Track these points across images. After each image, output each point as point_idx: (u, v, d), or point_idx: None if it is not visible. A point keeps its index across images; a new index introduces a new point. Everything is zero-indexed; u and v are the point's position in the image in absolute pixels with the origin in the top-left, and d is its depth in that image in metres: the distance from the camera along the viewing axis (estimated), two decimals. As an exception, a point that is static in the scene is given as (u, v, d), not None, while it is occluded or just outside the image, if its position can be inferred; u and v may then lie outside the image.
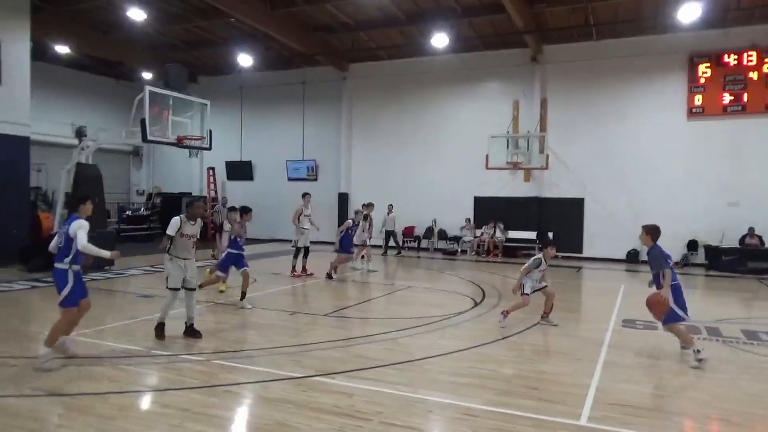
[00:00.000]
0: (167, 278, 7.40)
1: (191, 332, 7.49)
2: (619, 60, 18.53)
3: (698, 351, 6.55)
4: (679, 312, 6.79)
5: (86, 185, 13.79)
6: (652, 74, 18.30)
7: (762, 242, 16.50)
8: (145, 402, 5.34)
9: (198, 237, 7.63)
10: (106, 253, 6.08)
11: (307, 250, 13.58)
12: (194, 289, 7.58)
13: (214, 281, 10.46)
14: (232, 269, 10.09)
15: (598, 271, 16.75)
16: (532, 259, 8.54)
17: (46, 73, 20.34)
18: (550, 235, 18.82)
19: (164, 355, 6.63)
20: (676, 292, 6.94)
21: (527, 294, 8.38)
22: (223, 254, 10.42)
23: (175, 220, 7.37)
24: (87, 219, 6.26)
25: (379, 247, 19.66)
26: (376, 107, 22.34)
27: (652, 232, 7.59)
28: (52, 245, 6.30)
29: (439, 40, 18.09)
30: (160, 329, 7.40)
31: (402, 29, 19.09)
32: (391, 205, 19.91)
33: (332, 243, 21.65)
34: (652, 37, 17.97)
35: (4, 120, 14.93)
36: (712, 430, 4.97)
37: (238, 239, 10.02)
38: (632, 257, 18.29)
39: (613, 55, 18.59)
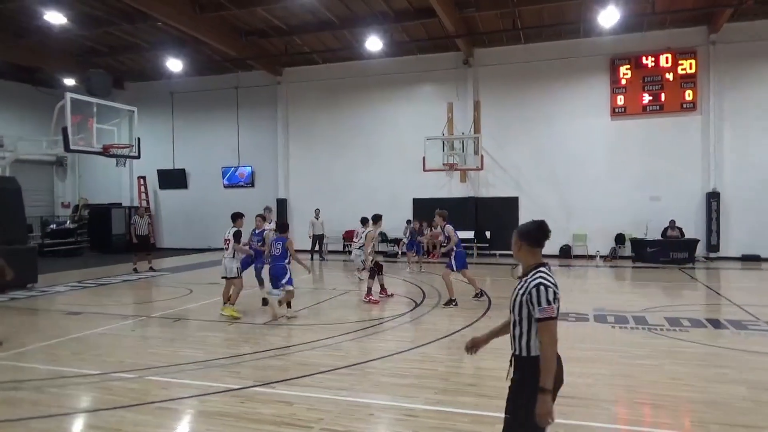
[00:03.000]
0: None
1: None
2: (547, 63, 19.24)
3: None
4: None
5: (3, 199, 12.98)
6: (577, 76, 19.11)
7: (682, 233, 17.50)
8: (73, 424, 5.06)
9: None
10: None
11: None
12: None
13: (290, 298, 9.46)
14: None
15: (534, 267, 17.22)
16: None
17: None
18: (487, 233, 19.32)
19: (93, 374, 6.30)
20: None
21: None
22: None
23: None
24: None
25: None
26: (312, 111, 22.19)
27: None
28: None
29: (373, 43, 18.19)
30: None
31: (335, 33, 19.07)
32: (318, 209, 19.74)
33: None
34: (576, 40, 18.77)
35: None
36: (643, 414, 5.21)
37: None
38: (565, 252, 18.98)
39: (540, 58, 19.28)
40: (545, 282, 3.06)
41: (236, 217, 9.82)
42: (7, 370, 6.48)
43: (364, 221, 12.80)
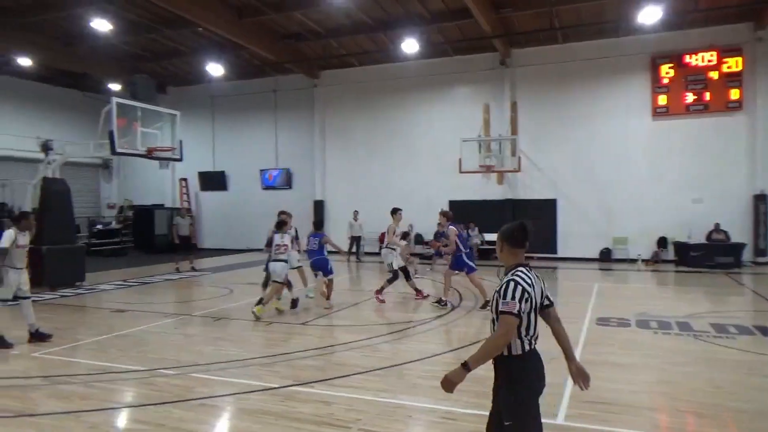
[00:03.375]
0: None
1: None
2: (585, 62, 18.91)
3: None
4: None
5: (53, 200, 13.50)
6: (617, 76, 18.72)
7: (727, 237, 16.94)
8: (120, 419, 5.24)
9: (28, 247, 7.95)
10: None
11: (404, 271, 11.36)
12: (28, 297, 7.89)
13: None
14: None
15: (573, 270, 16.98)
16: None
17: (8, 87, 19.89)
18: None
19: (139, 370, 6.51)
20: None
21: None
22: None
23: (10, 233, 7.63)
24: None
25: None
26: (348, 114, 22.36)
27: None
28: None
29: (409, 45, 18.21)
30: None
31: (371, 36, 19.17)
32: (356, 211, 19.96)
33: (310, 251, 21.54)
34: (616, 39, 18.38)
35: (-35, 135, 14.55)
36: (686, 422, 5.08)
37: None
38: (605, 255, 18.61)
39: (579, 57, 18.96)
40: (516, 279, 3.06)
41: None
42: (59, 365, 6.75)
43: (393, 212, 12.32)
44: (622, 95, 18.66)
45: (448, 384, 3.08)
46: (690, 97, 17.86)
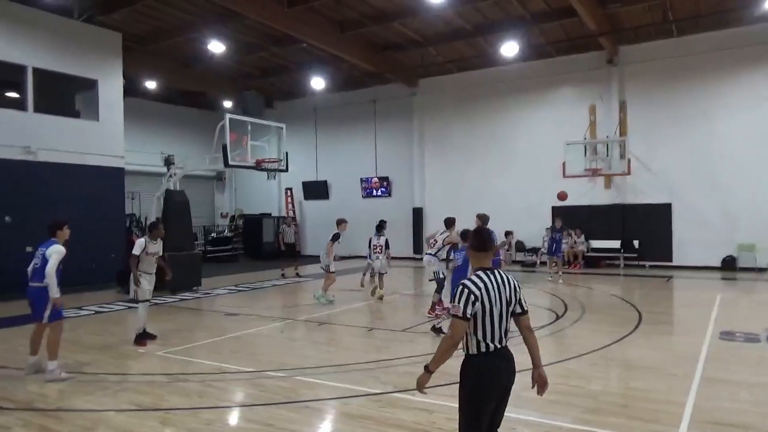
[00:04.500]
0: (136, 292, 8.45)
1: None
2: (703, 56, 17.51)
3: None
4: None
5: (175, 210, 14.63)
6: (740, 68, 17.15)
7: None
8: (232, 417, 5.54)
9: (160, 254, 8.59)
10: (55, 292, 6.41)
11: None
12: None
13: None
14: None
15: (691, 279, 15.73)
16: None
17: (136, 107, 21.85)
18: (635, 243, 18.02)
19: (249, 371, 6.85)
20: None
21: None
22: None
23: (141, 241, 8.36)
24: (63, 244, 6.69)
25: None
26: (447, 121, 22.29)
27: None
28: (30, 266, 6.70)
29: (509, 49, 17.85)
30: (140, 337, 8.33)
31: (470, 41, 19.01)
32: (454, 218, 19.64)
33: (409, 258, 21.70)
34: (739, 29, 16.86)
35: (102, 153, 16.17)
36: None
37: None
38: (728, 264, 17.06)
39: (696, 51, 17.59)
40: (465, 283, 3.24)
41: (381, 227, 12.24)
42: (178, 363, 7.28)
43: (448, 223, 11.00)
44: (747, 89, 17.05)
45: (417, 385, 3.39)
46: (830, 88, 15.99)
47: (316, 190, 25.67)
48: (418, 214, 22.63)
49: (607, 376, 6.45)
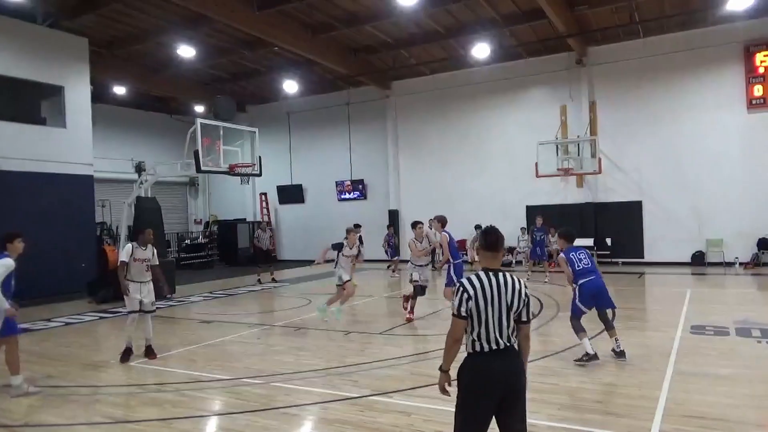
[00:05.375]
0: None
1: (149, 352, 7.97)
2: (670, 56, 17.91)
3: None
4: None
5: (146, 217, 14.37)
6: (706, 68, 17.59)
7: (841, 236, 15.43)
8: (208, 426, 5.45)
9: (150, 261, 8.06)
10: (4, 305, 6.09)
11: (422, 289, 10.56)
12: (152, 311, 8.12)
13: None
14: None
15: (662, 276, 16.05)
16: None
17: (105, 114, 21.46)
18: (608, 240, 18.34)
19: (224, 379, 6.76)
20: None
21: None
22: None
23: (128, 247, 7.93)
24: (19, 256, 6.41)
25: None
26: (421, 123, 22.38)
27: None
28: None
29: (480, 50, 18.01)
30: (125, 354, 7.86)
31: (442, 43, 19.12)
32: (430, 219, 19.67)
33: (384, 261, 21.67)
34: (704, 29, 17.31)
35: (70, 161, 15.81)
36: (799, 441, 4.63)
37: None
38: (698, 260, 17.46)
39: (662, 51, 17.99)
40: (462, 282, 3.29)
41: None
42: (152, 373, 7.14)
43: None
44: (712, 88, 17.50)
45: (439, 388, 3.48)
46: (790, 86, 16.49)
47: (291, 194, 25.51)
48: (393, 216, 22.64)
49: (582, 373, 6.51)
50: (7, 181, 14.32)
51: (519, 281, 3.31)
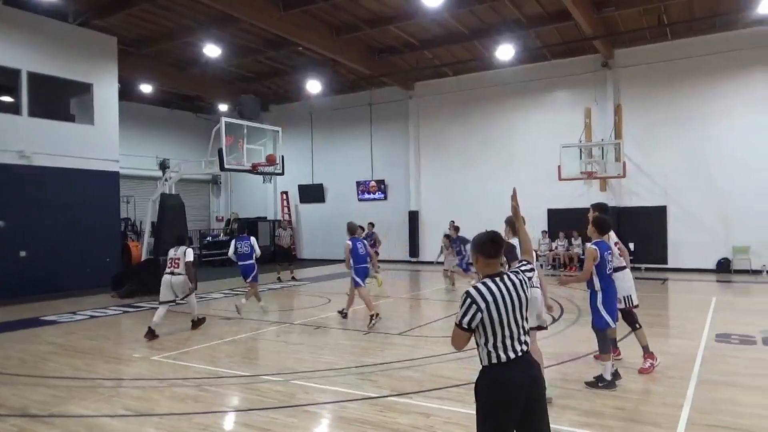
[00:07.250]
0: None
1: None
2: (699, 59, 17.59)
3: None
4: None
5: (170, 214, 14.59)
6: (735, 71, 17.24)
7: None
8: (228, 422, 5.50)
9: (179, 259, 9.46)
10: None
11: None
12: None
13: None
14: None
15: (686, 282, 15.77)
16: None
17: (131, 111, 21.81)
18: (631, 245, 18.05)
19: (245, 375, 6.82)
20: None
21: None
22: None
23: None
24: None
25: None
26: (443, 124, 22.32)
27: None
28: None
29: (504, 52, 17.89)
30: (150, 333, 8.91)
31: (466, 45, 19.04)
32: (452, 221, 19.66)
33: (404, 262, 21.68)
34: (734, 32, 16.96)
35: (97, 157, 16.12)
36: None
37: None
38: (723, 266, 17.11)
39: (691, 54, 17.67)
40: (469, 290, 3.08)
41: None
42: (174, 368, 7.23)
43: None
44: (743, 92, 17.14)
45: None
46: (824, 91, 16.07)
47: (312, 193, 25.64)
48: (413, 218, 22.62)
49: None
50: (37, 176, 14.67)
51: (520, 281, 3.19)
